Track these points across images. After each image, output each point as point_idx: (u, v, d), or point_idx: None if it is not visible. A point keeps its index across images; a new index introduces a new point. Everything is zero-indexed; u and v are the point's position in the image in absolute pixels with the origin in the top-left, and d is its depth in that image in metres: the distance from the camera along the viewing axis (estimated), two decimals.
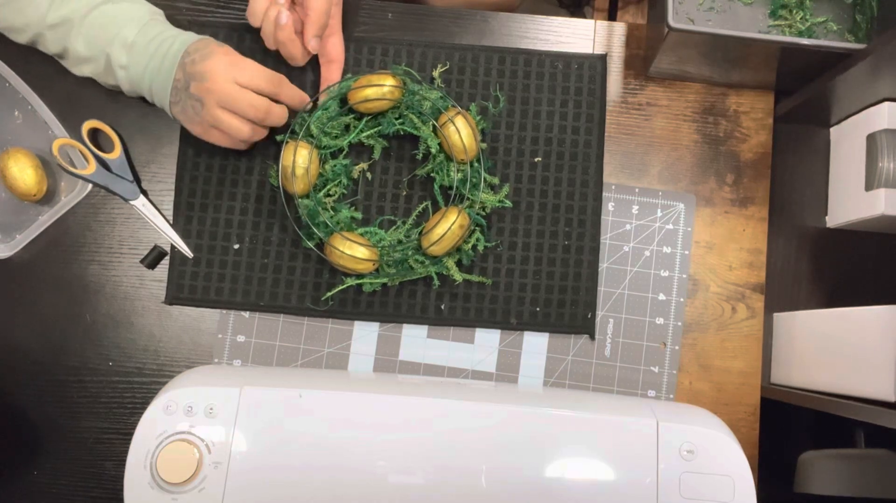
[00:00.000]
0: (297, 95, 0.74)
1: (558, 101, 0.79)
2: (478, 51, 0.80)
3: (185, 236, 0.78)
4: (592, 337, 0.77)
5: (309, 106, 0.76)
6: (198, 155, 0.79)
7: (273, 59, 0.78)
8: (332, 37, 0.77)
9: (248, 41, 0.80)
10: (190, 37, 0.72)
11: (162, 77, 0.71)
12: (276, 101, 0.73)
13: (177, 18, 0.78)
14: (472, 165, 0.75)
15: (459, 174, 0.75)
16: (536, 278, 0.78)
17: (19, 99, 0.79)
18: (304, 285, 0.77)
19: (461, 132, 0.74)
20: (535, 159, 0.79)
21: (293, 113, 0.76)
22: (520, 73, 0.80)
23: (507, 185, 0.78)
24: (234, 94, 0.69)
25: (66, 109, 0.79)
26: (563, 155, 0.79)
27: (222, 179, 0.79)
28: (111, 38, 0.70)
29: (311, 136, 0.75)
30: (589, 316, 0.77)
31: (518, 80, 0.80)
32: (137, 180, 0.79)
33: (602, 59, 0.80)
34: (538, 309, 0.77)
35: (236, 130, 0.71)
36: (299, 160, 0.73)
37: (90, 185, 0.79)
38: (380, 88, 0.74)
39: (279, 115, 0.73)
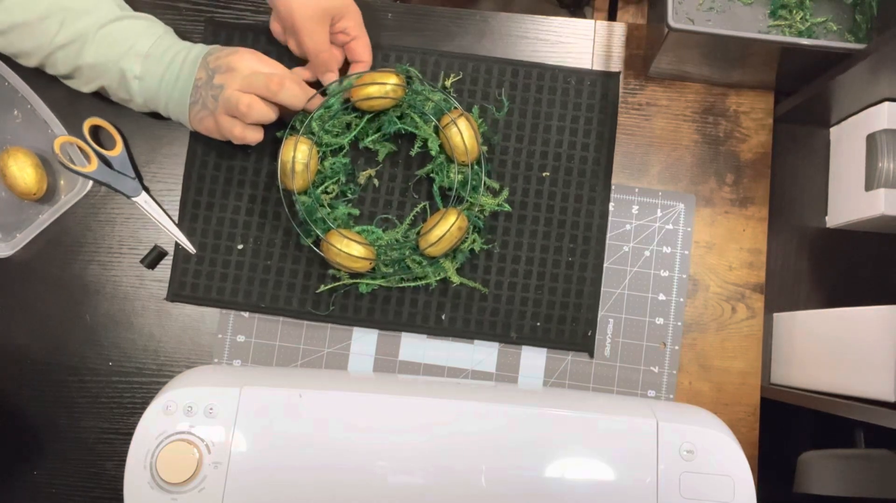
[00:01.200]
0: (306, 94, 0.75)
1: (569, 117, 0.79)
2: (491, 62, 0.80)
3: (189, 234, 0.78)
4: (591, 355, 0.77)
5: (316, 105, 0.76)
6: (206, 154, 0.79)
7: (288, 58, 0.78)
8: (356, 40, 0.76)
9: (249, 41, 0.80)
10: (204, 47, 0.73)
11: (181, 84, 0.71)
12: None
13: (177, 20, 0.78)
14: (472, 168, 0.75)
15: (460, 176, 0.75)
16: (538, 293, 0.77)
17: (18, 98, 0.79)
18: (305, 289, 0.77)
19: (463, 134, 0.73)
20: (544, 174, 0.78)
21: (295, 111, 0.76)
22: (532, 87, 0.79)
23: (506, 190, 0.78)
24: (255, 73, 0.70)
25: (66, 108, 0.79)
26: (572, 171, 0.79)
27: (229, 179, 0.79)
28: (125, 51, 0.70)
29: (312, 132, 0.75)
30: (589, 334, 0.77)
31: (530, 93, 0.79)
32: (139, 177, 0.79)
33: (614, 78, 0.80)
34: (538, 324, 0.77)
35: (246, 107, 0.69)
36: (299, 156, 0.73)
37: (90, 184, 0.79)
38: (382, 87, 0.74)
39: (292, 91, 0.71)
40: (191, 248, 0.78)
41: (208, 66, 0.71)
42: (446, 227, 0.72)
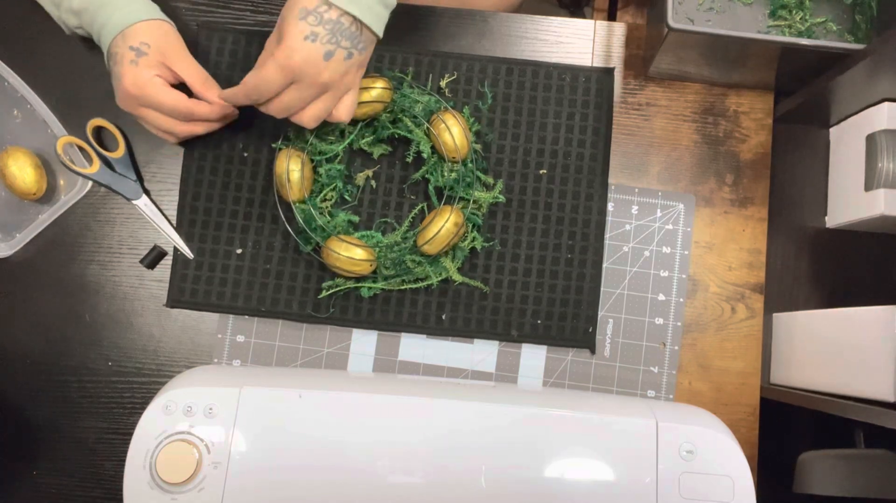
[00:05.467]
0: (215, 114, 0.74)
1: (565, 114, 0.79)
2: (485, 61, 0.80)
3: (188, 239, 0.78)
4: (593, 351, 0.77)
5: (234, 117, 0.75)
6: (203, 158, 0.79)
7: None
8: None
9: (243, 43, 0.80)
10: (123, 19, 0.70)
11: (100, 38, 0.71)
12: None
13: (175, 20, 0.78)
14: (465, 165, 0.75)
15: (453, 174, 0.75)
16: (538, 290, 0.77)
17: (18, 98, 0.79)
18: (305, 292, 0.77)
19: (452, 130, 0.74)
20: (541, 171, 0.78)
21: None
22: (527, 85, 0.79)
23: (500, 182, 0.78)
24: (141, 112, 0.72)
25: (65, 108, 0.79)
26: (569, 168, 0.79)
27: (227, 184, 0.78)
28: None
29: (307, 142, 0.75)
30: (590, 330, 0.77)
31: (525, 91, 0.79)
32: (140, 180, 0.79)
33: (609, 73, 0.80)
34: (539, 321, 0.77)
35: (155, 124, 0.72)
36: (293, 166, 0.73)
37: (90, 183, 0.79)
38: (369, 91, 0.74)
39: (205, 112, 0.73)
40: (188, 253, 0.78)
41: (108, 58, 0.71)
42: (441, 223, 0.72)
